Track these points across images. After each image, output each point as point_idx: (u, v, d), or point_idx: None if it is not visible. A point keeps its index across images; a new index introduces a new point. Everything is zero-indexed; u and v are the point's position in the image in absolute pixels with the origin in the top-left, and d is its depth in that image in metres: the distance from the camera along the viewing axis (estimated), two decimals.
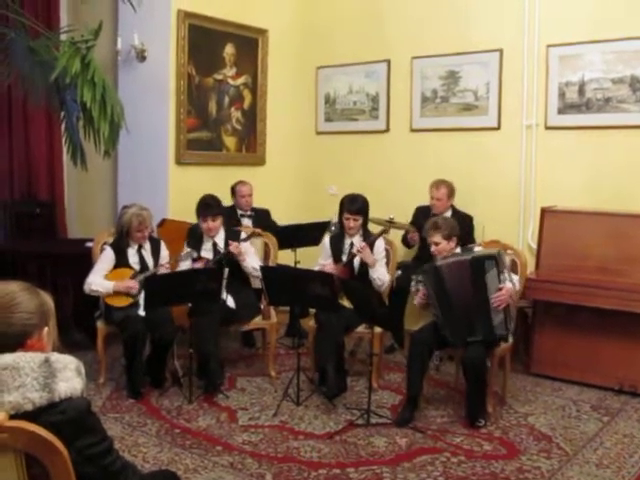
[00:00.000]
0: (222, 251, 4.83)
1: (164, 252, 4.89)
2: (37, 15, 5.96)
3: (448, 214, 5.43)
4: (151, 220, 4.82)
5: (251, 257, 4.90)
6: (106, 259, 4.70)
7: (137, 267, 4.73)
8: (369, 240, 4.74)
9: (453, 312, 4.12)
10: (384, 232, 4.83)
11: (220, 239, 4.93)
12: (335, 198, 6.46)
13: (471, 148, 5.91)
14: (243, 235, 4.97)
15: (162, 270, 4.72)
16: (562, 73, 5.40)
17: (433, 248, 4.28)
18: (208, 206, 4.86)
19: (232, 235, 4.96)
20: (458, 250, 4.31)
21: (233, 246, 4.77)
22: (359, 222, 4.79)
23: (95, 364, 4.73)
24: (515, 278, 4.23)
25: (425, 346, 4.17)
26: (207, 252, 4.91)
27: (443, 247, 4.25)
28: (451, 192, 5.58)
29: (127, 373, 4.55)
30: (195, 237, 4.97)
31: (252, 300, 4.96)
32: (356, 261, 4.77)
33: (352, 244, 4.82)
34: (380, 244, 4.81)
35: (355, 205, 4.78)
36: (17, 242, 6.10)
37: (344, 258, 4.82)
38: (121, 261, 4.71)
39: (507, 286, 4.08)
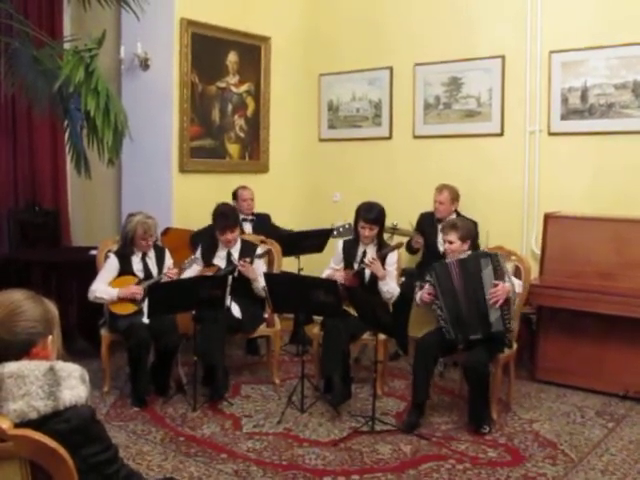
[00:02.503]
0: (235, 262, 4.83)
1: (168, 261, 4.89)
2: (41, 25, 5.99)
3: (455, 219, 5.46)
4: (156, 228, 4.83)
5: (262, 276, 4.86)
6: (110, 267, 4.71)
7: (141, 275, 4.74)
8: (381, 253, 4.71)
9: (458, 310, 4.15)
10: (398, 247, 4.80)
11: (236, 250, 4.94)
12: (338, 205, 6.51)
13: (474, 154, 5.91)
14: (259, 251, 4.95)
15: (170, 276, 4.71)
16: (565, 79, 5.40)
17: (446, 246, 4.32)
18: (226, 218, 4.85)
19: (248, 249, 4.95)
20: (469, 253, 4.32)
21: (242, 264, 4.78)
22: (374, 232, 4.76)
23: (99, 372, 4.72)
24: (516, 282, 4.24)
25: (430, 352, 4.17)
26: (220, 260, 4.92)
27: (456, 247, 4.27)
28: (454, 196, 5.60)
29: (131, 381, 4.55)
30: (208, 242, 4.96)
31: (256, 310, 4.96)
32: (367, 271, 4.74)
33: (365, 252, 4.80)
34: (393, 257, 4.76)
35: (372, 214, 4.72)
36: (21, 251, 6.11)
37: (355, 265, 4.81)
38: (125, 269, 4.72)
39: (503, 283, 4.09)
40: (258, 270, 4.89)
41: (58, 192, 6.65)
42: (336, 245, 5.02)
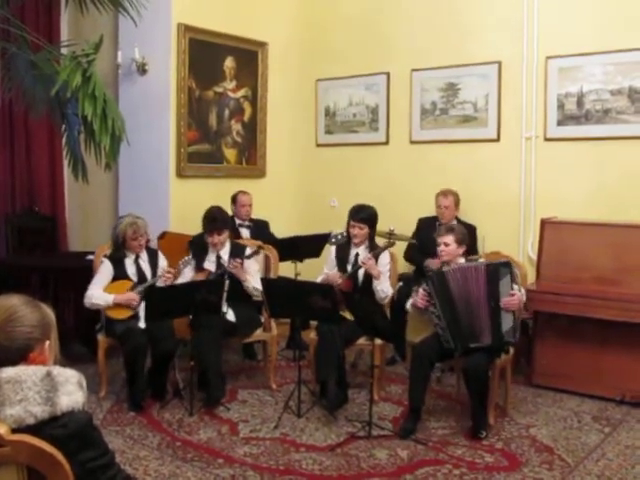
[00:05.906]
0: (225, 265, 4.82)
1: (162, 262, 4.89)
2: (38, 29, 6.00)
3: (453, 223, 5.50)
4: (146, 228, 4.82)
5: (253, 276, 4.87)
6: (104, 272, 4.70)
7: (135, 278, 4.74)
8: (374, 253, 4.73)
9: (456, 318, 4.14)
10: (389, 245, 4.82)
11: (225, 252, 4.92)
12: (335, 210, 6.51)
13: (471, 160, 5.92)
14: (248, 251, 4.92)
15: (162, 280, 4.71)
16: (561, 85, 5.43)
17: (442, 248, 4.31)
18: (214, 220, 4.85)
19: (237, 250, 4.94)
20: (462, 261, 4.33)
21: (232, 265, 4.77)
22: (364, 231, 4.78)
23: (96, 377, 4.71)
24: (522, 291, 4.26)
25: (427, 358, 4.18)
26: (210, 264, 4.90)
27: (451, 250, 4.27)
28: (457, 201, 5.66)
29: (128, 386, 4.55)
30: (199, 247, 4.96)
31: (253, 314, 4.95)
32: (360, 272, 4.76)
33: (357, 255, 4.82)
34: (385, 257, 4.80)
35: (360, 214, 4.79)
36: (19, 256, 6.10)
37: (349, 268, 4.82)
38: (119, 273, 4.72)
39: (518, 293, 4.13)
40: (250, 269, 4.89)
41: (55, 197, 6.65)
42: (329, 251, 5.05)
